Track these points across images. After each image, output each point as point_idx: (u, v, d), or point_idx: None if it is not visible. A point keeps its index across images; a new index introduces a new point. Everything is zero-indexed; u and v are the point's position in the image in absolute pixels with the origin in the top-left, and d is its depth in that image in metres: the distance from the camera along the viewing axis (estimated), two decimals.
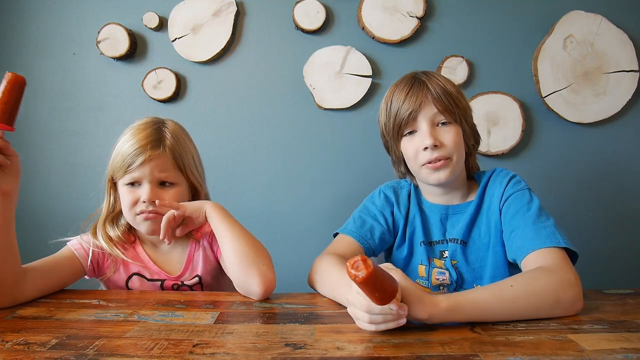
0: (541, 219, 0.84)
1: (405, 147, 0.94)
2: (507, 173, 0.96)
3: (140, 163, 0.89)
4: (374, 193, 1.06)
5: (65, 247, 0.97)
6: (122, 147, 0.92)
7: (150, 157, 0.90)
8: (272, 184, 1.71)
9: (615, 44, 1.60)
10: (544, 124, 1.66)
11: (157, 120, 0.98)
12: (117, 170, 0.92)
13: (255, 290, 0.83)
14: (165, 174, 0.92)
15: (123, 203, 0.94)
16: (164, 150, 0.92)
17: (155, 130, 0.94)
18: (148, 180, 0.91)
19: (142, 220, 0.92)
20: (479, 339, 0.62)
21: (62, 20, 1.70)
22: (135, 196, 0.92)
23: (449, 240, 0.97)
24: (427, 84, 0.90)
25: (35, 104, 1.71)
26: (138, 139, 0.91)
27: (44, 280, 0.87)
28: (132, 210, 0.92)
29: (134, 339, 0.64)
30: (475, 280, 0.94)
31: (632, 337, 0.61)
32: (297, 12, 1.63)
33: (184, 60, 1.67)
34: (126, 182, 0.92)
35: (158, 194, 0.92)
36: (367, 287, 0.57)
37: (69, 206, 1.71)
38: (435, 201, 1.00)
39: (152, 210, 0.91)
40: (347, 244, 0.96)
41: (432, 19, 1.66)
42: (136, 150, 0.90)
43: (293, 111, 1.70)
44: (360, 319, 0.65)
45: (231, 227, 0.90)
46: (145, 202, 0.90)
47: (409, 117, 0.90)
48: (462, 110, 0.91)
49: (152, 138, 0.92)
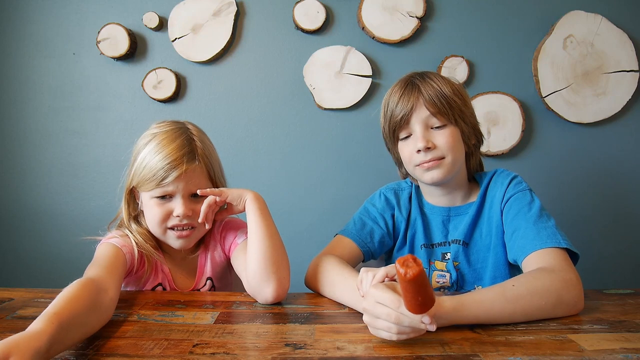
0: (542, 220, 0.84)
1: (402, 151, 0.95)
2: (509, 174, 0.96)
3: (175, 177, 0.84)
4: (375, 195, 1.06)
5: (106, 245, 0.87)
6: (151, 159, 0.86)
7: (186, 171, 0.85)
8: (272, 183, 1.71)
9: (615, 44, 1.60)
10: (544, 124, 1.66)
11: (182, 127, 0.92)
12: (145, 182, 0.86)
13: (267, 295, 0.81)
14: (200, 186, 0.88)
15: (151, 216, 0.89)
16: (198, 163, 0.88)
17: (186, 140, 0.89)
18: (182, 195, 0.87)
19: (176, 238, 0.89)
20: (479, 339, 0.62)
21: (62, 20, 1.70)
22: (166, 210, 0.87)
23: (452, 241, 0.96)
24: (420, 87, 0.90)
25: (35, 104, 1.71)
26: (170, 151, 0.85)
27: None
28: (163, 225, 0.88)
29: (134, 339, 0.64)
30: (476, 281, 0.94)
31: (632, 337, 0.61)
32: (297, 12, 1.63)
33: (184, 60, 1.67)
34: (156, 195, 0.87)
35: (192, 207, 0.88)
36: (414, 286, 0.55)
37: (68, 206, 1.71)
38: (436, 203, 1.00)
39: (186, 224, 0.88)
40: (346, 246, 0.96)
41: (432, 19, 1.66)
42: (170, 163, 0.84)
43: (293, 111, 1.70)
44: (384, 329, 0.61)
45: (265, 225, 0.86)
46: (180, 217, 0.87)
47: (402, 121, 0.90)
48: (457, 111, 0.90)
49: (186, 150, 0.87)
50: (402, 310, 0.59)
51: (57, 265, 1.69)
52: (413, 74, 0.95)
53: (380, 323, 0.61)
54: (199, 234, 0.93)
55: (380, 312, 0.61)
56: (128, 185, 0.92)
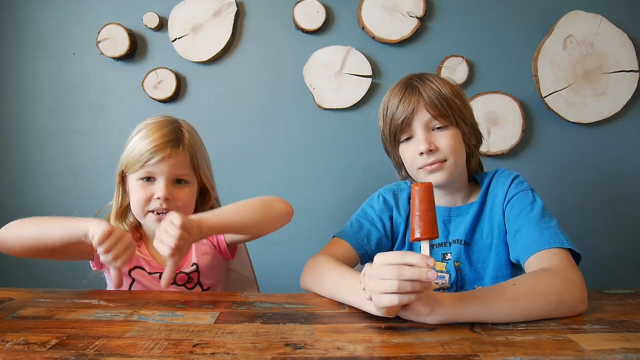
0: (545, 220, 0.84)
1: (403, 153, 0.94)
2: (510, 174, 0.95)
3: (159, 159, 0.90)
4: (374, 196, 1.05)
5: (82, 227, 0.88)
6: (139, 143, 0.92)
7: (170, 155, 0.91)
8: (272, 183, 1.71)
9: (615, 44, 1.60)
10: (544, 124, 1.66)
11: (172, 119, 0.99)
12: (131, 163, 0.92)
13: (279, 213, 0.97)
14: (182, 172, 0.94)
15: (134, 198, 0.94)
16: (183, 149, 0.94)
17: (174, 129, 0.95)
18: (164, 178, 0.92)
19: (155, 220, 0.93)
20: (479, 339, 0.62)
21: (62, 20, 1.70)
22: (148, 192, 0.92)
23: (453, 241, 0.96)
24: (419, 89, 0.89)
25: (35, 104, 1.71)
26: (158, 136, 0.92)
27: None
28: (145, 207, 0.93)
29: (134, 339, 0.64)
30: (477, 281, 0.94)
31: (632, 337, 0.61)
32: (297, 12, 1.63)
33: (184, 60, 1.67)
34: (140, 176, 0.92)
35: (173, 192, 0.93)
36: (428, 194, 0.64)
37: (68, 206, 1.71)
38: (437, 203, 0.97)
39: (165, 208, 0.92)
40: (341, 249, 0.95)
41: (432, 19, 1.66)
42: (156, 146, 0.91)
43: (293, 111, 1.70)
44: (387, 290, 0.60)
45: (225, 211, 0.92)
46: (160, 199, 0.91)
47: (403, 124, 0.89)
48: (458, 112, 0.90)
49: (173, 137, 0.93)
50: (406, 259, 0.60)
51: (57, 265, 1.68)
52: (411, 75, 0.94)
53: (383, 284, 0.60)
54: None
55: (383, 272, 0.61)
56: (119, 171, 0.97)
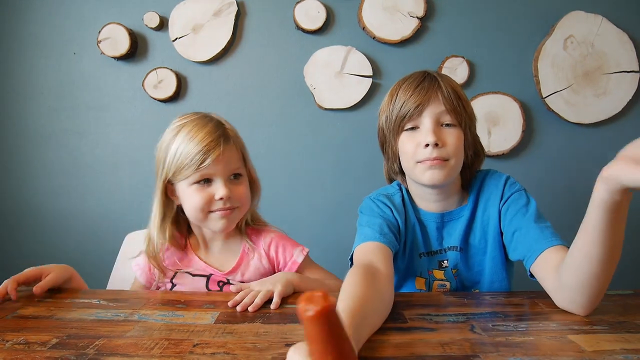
0: (541, 219, 0.83)
1: (404, 143, 0.89)
2: (501, 175, 0.93)
3: (214, 159, 0.85)
4: (366, 203, 0.97)
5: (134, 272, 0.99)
6: (185, 146, 0.86)
7: (223, 152, 0.86)
8: (272, 183, 1.70)
9: (615, 44, 1.60)
10: (544, 125, 1.66)
11: (204, 113, 0.94)
12: (182, 169, 0.86)
13: None
14: (236, 166, 0.90)
15: (192, 204, 0.88)
16: (232, 142, 0.90)
17: (217, 124, 0.90)
18: (222, 176, 0.88)
19: (219, 217, 0.89)
20: (479, 339, 0.62)
21: (62, 20, 1.70)
22: (207, 195, 0.87)
23: (448, 249, 0.93)
24: (438, 80, 0.87)
25: (35, 104, 1.71)
26: (204, 135, 0.86)
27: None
28: (205, 210, 0.88)
29: (134, 338, 0.64)
30: (474, 285, 0.93)
31: (632, 338, 0.61)
32: (297, 12, 1.63)
33: (185, 60, 1.67)
34: (194, 180, 0.87)
35: (232, 190, 0.89)
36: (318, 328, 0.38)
37: (68, 206, 1.71)
38: (429, 208, 0.94)
39: (229, 207, 0.89)
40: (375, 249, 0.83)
41: (432, 19, 1.66)
42: (206, 146, 0.85)
43: (293, 111, 1.70)
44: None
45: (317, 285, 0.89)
46: (223, 199, 0.87)
47: (415, 110, 0.85)
48: (468, 116, 0.88)
49: (220, 132, 0.88)
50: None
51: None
52: (428, 70, 0.92)
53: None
54: (240, 214, 0.94)
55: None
56: (163, 182, 0.90)
